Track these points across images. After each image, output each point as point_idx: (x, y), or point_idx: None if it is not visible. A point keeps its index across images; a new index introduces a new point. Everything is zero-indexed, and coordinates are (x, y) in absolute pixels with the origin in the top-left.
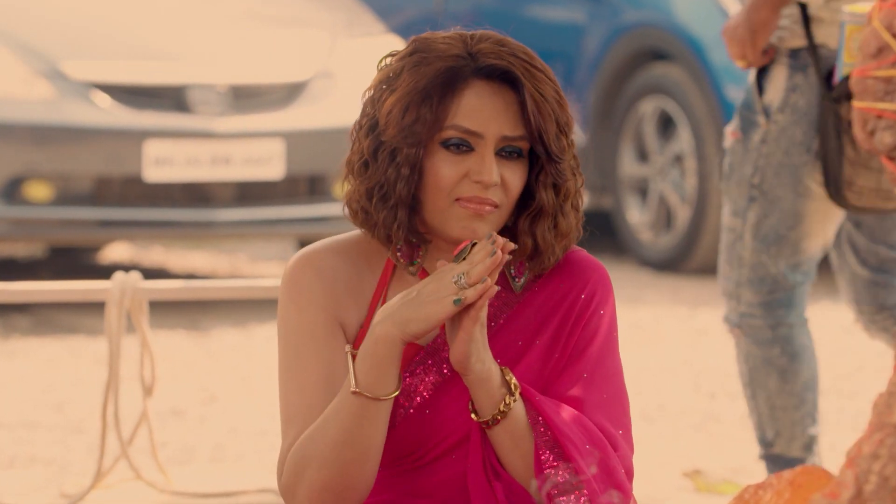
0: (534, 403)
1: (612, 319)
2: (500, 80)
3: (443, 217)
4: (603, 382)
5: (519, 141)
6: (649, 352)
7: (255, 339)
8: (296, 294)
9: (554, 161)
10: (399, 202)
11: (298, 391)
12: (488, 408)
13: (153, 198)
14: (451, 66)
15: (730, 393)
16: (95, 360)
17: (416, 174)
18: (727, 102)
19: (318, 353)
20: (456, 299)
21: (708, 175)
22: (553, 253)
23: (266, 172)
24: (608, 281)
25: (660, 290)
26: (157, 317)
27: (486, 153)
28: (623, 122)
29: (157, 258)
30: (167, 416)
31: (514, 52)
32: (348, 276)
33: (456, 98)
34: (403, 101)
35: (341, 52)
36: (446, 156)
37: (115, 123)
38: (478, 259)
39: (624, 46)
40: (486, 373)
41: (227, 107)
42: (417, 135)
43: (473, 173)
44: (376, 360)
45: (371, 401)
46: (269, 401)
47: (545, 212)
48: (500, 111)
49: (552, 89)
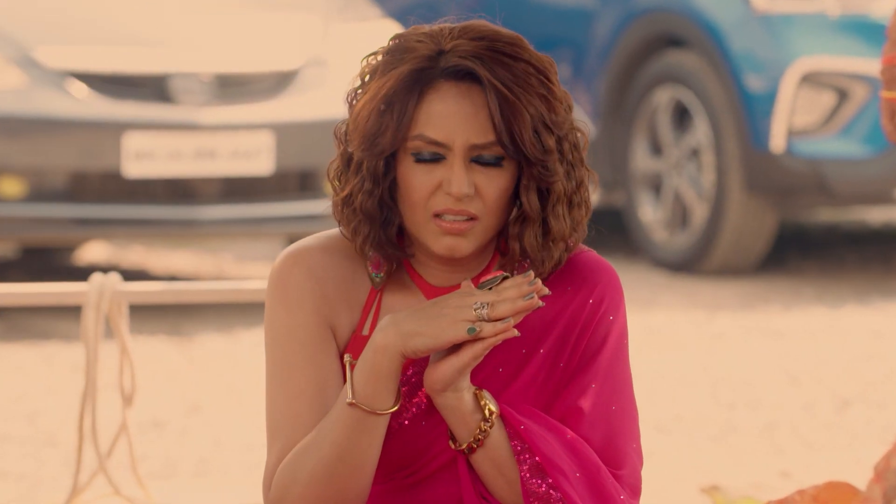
0: (518, 432)
1: (622, 326)
2: (469, 81)
3: (422, 232)
4: (611, 394)
5: (493, 147)
6: (664, 359)
7: (242, 346)
8: (283, 294)
9: (533, 163)
10: (364, 216)
11: (286, 400)
12: (464, 435)
13: (133, 194)
14: (415, 68)
15: (750, 402)
16: (71, 367)
17: (379, 187)
18: (747, 92)
19: (308, 358)
20: (471, 328)
21: (726, 170)
22: (549, 258)
23: (254, 167)
24: (618, 284)
25: (675, 292)
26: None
27: (455, 163)
28: (635, 113)
29: (138, 259)
30: (148, 428)
31: (494, 47)
32: (340, 276)
33: (421, 104)
34: (367, 108)
35: (334, 37)
36: (416, 167)
37: (91, 115)
38: (508, 295)
39: (636, 32)
40: (457, 400)
41: (212, 97)
42: (380, 146)
43: (444, 184)
44: (375, 371)
45: (367, 414)
46: (256, 412)
47: (529, 217)
48: (467, 117)
49: (538, 84)
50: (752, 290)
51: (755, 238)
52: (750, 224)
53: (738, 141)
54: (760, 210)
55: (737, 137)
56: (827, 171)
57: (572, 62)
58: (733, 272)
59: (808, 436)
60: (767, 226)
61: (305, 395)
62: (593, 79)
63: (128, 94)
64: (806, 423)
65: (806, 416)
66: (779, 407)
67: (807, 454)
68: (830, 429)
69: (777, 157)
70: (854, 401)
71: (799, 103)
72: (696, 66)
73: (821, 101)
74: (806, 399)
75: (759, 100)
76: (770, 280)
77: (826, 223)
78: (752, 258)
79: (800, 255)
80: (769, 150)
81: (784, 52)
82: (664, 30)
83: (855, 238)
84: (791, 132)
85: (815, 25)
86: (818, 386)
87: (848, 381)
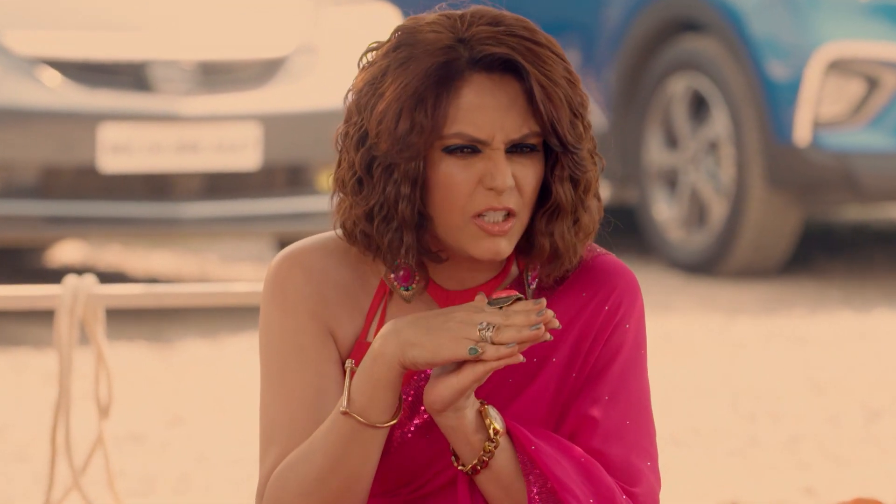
0: (529, 452)
1: (639, 334)
2: (501, 70)
3: (458, 235)
4: (626, 406)
5: (530, 138)
6: (680, 367)
7: (227, 353)
8: (280, 297)
9: (570, 152)
10: (404, 224)
11: (281, 407)
12: (467, 455)
13: (109, 190)
14: (442, 61)
15: (772, 414)
16: (43, 376)
17: (418, 190)
18: (769, 80)
19: (305, 363)
20: (473, 348)
21: (747, 164)
22: (576, 254)
23: (239, 161)
24: (637, 290)
25: (691, 296)
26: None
27: (496, 157)
28: (649, 103)
29: (115, 260)
30: (125, 442)
31: (513, 31)
32: (342, 279)
33: (454, 99)
34: (394, 107)
35: (326, 22)
36: (453, 162)
37: (64, 105)
38: (515, 321)
39: (650, 16)
40: (459, 420)
41: (194, 86)
42: (415, 146)
43: (486, 178)
44: (372, 379)
45: (362, 426)
46: (242, 424)
47: (563, 209)
48: (505, 109)
49: (561, 67)
50: (774, 294)
51: (778, 237)
52: (772, 222)
53: (759, 133)
54: (783, 207)
55: (758, 129)
56: (855, 165)
57: (581, 48)
58: (754, 274)
59: (835, 450)
60: (791, 224)
61: (302, 401)
62: (604, 66)
63: (103, 82)
64: (832, 436)
65: (832, 429)
66: (803, 419)
67: (833, 469)
68: (858, 442)
69: (801, 150)
70: (884, 412)
71: (825, 92)
72: (714, 53)
73: (849, 89)
74: (832, 410)
75: (782, 88)
76: (794, 282)
77: (854, 221)
78: (774, 259)
79: (826, 256)
80: (793, 142)
81: (809, 36)
82: (680, 13)
83: (885, 237)
84: (817, 123)
85: (843, 8)
86: (845, 396)
87: (877, 390)
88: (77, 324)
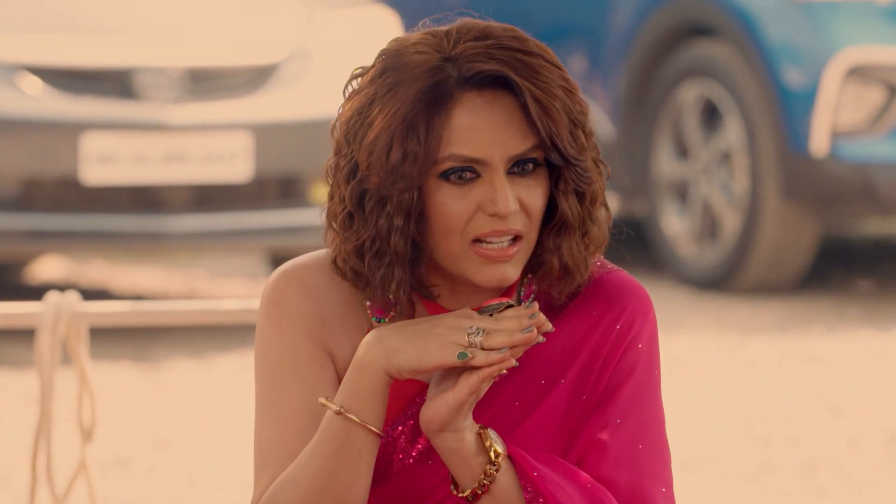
0: (532, 479)
1: (652, 354)
2: (493, 86)
3: (459, 262)
4: (638, 430)
5: (531, 153)
6: (691, 388)
7: (216, 373)
8: (277, 315)
9: (573, 165)
10: (396, 258)
11: (276, 428)
12: (467, 480)
13: (93, 203)
14: (431, 83)
15: (788, 437)
16: (23, 398)
17: (411, 222)
18: (784, 87)
19: (301, 384)
20: (462, 353)
21: (762, 175)
22: (587, 268)
23: (230, 172)
24: (650, 308)
25: (703, 313)
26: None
27: (495, 180)
28: (659, 111)
29: (99, 276)
30: (110, 467)
31: (503, 44)
32: (342, 297)
33: (446, 121)
34: (384, 136)
35: (320, 26)
36: (449, 189)
37: (46, 113)
38: (506, 326)
39: (660, 20)
40: (457, 441)
41: (182, 93)
42: (408, 176)
43: (486, 205)
44: (358, 389)
45: (356, 427)
46: (231, 448)
47: (570, 224)
48: (501, 126)
49: (556, 76)
50: (790, 312)
51: (794, 252)
52: (788, 236)
53: (774, 143)
54: (800, 221)
55: (773, 139)
56: (875, 176)
57: (587, 54)
58: (769, 291)
59: (854, 475)
60: (808, 238)
61: (297, 424)
62: (611, 73)
63: (87, 89)
64: (851, 460)
65: (851, 453)
66: (821, 443)
67: (853, 495)
68: (878, 467)
69: (819, 160)
70: None
71: (844, 100)
72: (727, 58)
73: (868, 97)
74: (851, 433)
75: (798, 96)
76: (811, 300)
77: (874, 235)
78: (790, 275)
79: (844, 272)
80: (810, 153)
81: (827, 41)
82: (691, 17)
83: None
84: (835, 133)
85: (862, 12)
86: (865, 419)
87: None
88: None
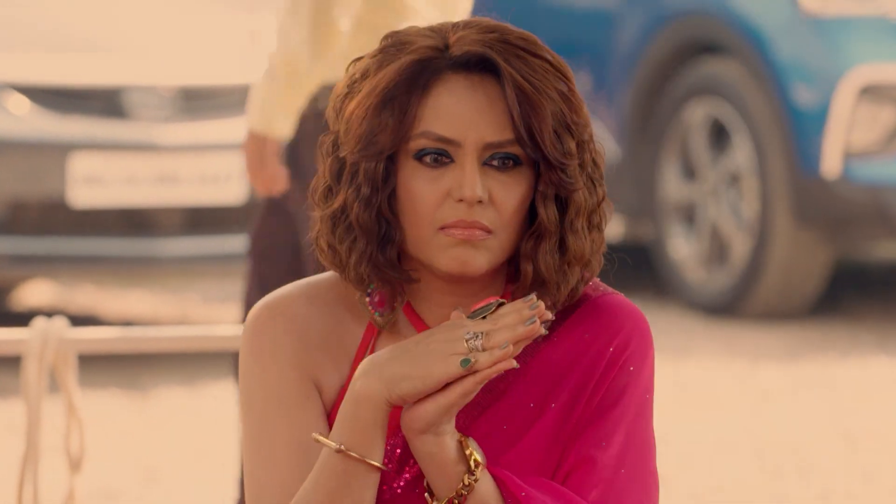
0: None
1: (645, 380)
2: (481, 71)
3: (427, 247)
4: (624, 455)
5: (509, 146)
6: (699, 418)
7: (207, 402)
8: (260, 349)
9: (553, 167)
10: (362, 230)
11: (266, 466)
12: (443, 489)
13: (81, 226)
14: (419, 58)
15: (800, 469)
16: (9, 427)
17: (378, 195)
18: (795, 107)
19: (289, 418)
20: (465, 360)
21: (772, 198)
22: (565, 282)
23: (222, 194)
24: (646, 333)
25: (712, 340)
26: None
27: (466, 163)
28: (666, 131)
29: (87, 301)
30: (98, 498)
31: (506, 39)
32: (325, 327)
33: (425, 98)
34: (362, 107)
35: None
36: (420, 171)
37: (33, 133)
38: (506, 322)
39: (667, 37)
40: (437, 446)
41: (173, 113)
42: (378, 145)
43: (454, 189)
44: (358, 422)
45: (357, 464)
46: (222, 479)
47: (546, 230)
48: (481, 111)
49: (556, 81)
50: (802, 338)
51: (805, 277)
52: (799, 261)
53: (784, 164)
54: (811, 244)
55: (783, 160)
56: (889, 199)
57: (593, 72)
58: (780, 317)
59: None
60: (820, 263)
61: (287, 458)
62: (617, 92)
63: (75, 108)
64: (866, 492)
65: (866, 485)
66: (834, 474)
67: None
68: (894, 499)
69: (831, 182)
70: None
71: (856, 120)
72: (735, 77)
73: (882, 117)
74: (866, 464)
75: (809, 116)
76: (823, 326)
77: (888, 260)
78: (802, 300)
79: (858, 297)
80: (821, 174)
81: (839, 59)
82: (699, 34)
83: None
84: (847, 154)
85: (874, 29)
86: (880, 449)
87: None
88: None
